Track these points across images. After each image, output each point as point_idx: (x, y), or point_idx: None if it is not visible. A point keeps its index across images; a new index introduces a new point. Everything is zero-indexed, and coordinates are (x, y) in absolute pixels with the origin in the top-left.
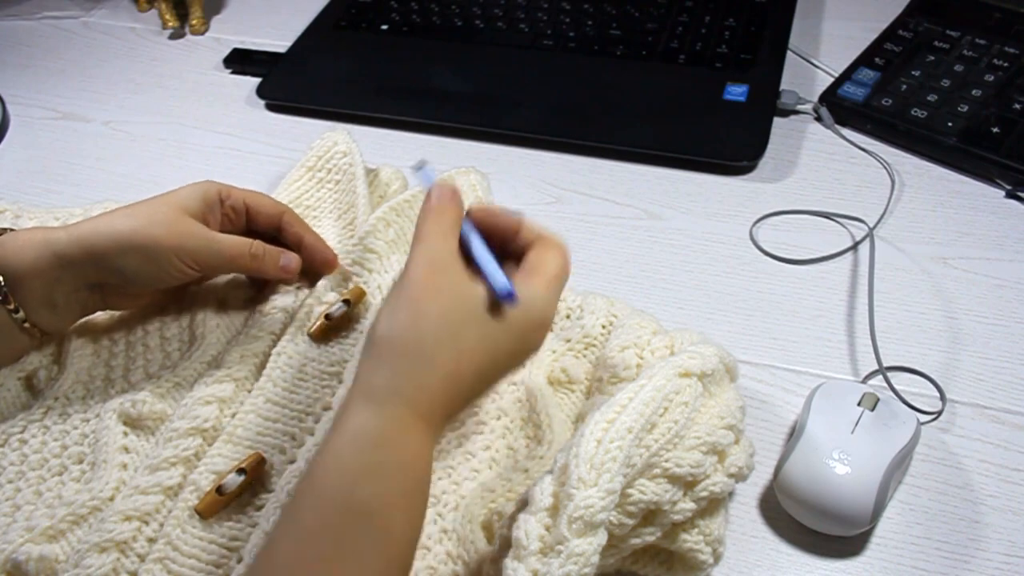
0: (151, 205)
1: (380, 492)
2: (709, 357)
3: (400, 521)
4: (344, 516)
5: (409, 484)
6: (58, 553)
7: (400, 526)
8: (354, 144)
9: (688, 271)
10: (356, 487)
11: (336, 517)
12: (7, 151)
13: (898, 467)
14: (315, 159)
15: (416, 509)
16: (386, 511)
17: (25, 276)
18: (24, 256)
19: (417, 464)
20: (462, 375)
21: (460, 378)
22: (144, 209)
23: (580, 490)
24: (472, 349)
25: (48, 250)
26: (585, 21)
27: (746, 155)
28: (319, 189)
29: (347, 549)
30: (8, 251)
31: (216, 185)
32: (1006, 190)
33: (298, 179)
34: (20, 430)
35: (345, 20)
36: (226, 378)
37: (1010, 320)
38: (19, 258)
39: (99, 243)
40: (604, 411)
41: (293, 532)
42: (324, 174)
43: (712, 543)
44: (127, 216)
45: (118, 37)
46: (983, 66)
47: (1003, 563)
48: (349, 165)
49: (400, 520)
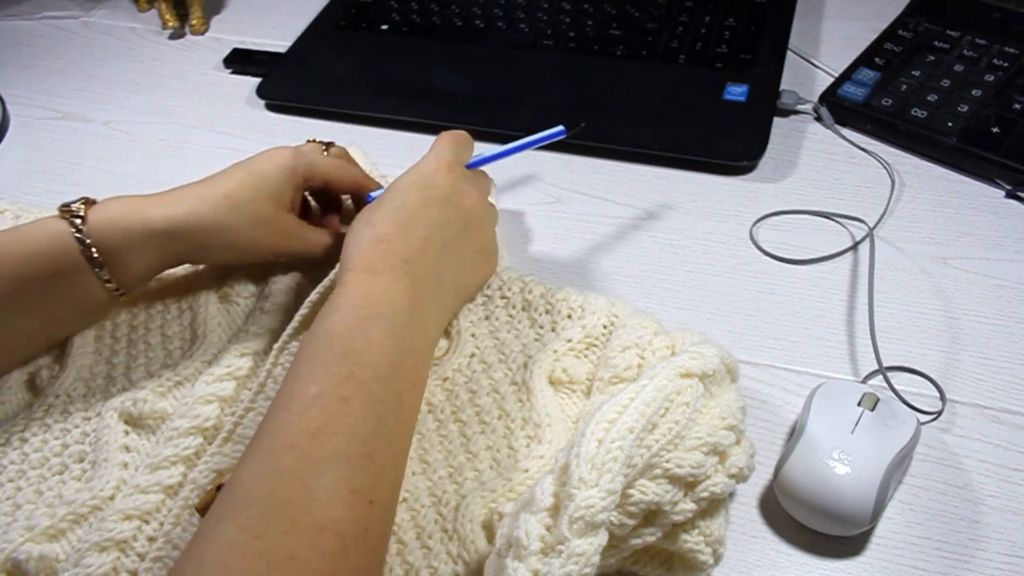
0: (247, 194)
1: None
2: (710, 357)
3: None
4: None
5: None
6: (58, 552)
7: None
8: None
9: (688, 271)
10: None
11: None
12: (7, 151)
13: (898, 467)
14: None
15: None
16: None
17: (120, 251)
18: (117, 231)
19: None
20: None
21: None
22: (243, 198)
23: (581, 490)
24: (385, 211)
25: (144, 229)
26: (585, 21)
27: (746, 155)
28: None
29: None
30: (103, 225)
31: (302, 162)
32: (1006, 190)
33: None
34: (21, 428)
35: (345, 20)
36: (227, 377)
37: (1010, 320)
38: (114, 233)
39: (198, 234)
40: (605, 411)
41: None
42: None
43: (712, 544)
44: (228, 209)
45: (118, 37)
46: (983, 66)
47: (1003, 563)
48: None
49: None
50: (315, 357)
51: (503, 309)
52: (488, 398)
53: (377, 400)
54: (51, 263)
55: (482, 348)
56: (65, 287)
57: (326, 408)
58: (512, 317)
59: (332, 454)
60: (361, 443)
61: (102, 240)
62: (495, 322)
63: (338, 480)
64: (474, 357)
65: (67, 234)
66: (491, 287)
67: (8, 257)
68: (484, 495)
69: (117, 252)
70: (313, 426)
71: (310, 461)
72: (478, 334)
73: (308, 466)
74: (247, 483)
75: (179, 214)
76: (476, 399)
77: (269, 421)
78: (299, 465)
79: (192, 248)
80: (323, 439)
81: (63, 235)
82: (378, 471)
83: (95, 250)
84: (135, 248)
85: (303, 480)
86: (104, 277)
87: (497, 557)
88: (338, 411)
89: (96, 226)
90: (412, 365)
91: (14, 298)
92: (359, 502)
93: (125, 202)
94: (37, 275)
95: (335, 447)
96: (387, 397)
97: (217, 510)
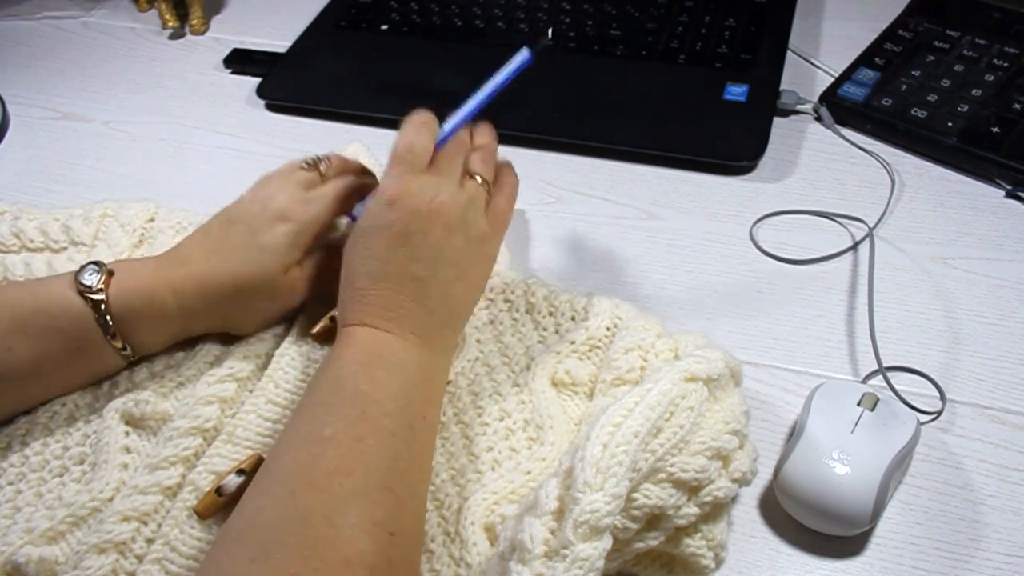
0: (262, 267)
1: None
2: (715, 361)
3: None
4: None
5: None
6: (58, 555)
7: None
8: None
9: (688, 271)
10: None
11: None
12: (7, 151)
13: (898, 467)
14: None
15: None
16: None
17: (143, 320)
18: (140, 298)
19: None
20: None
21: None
22: (257, 274)
23: (586, 494)
24: (355, 263)
25: (172, 299)
26: (585, 21)
27: (746, 155)
28: None
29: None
30: (128, 291)
31: (307, 228)
32: (1006, 190)
33: None
34: (23, 432)
35: (345, 20)
36: (228, 378)
37: (1010, 320)
38: (138, 300)
39: (211, 319)
40: (610, 414)
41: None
42: None
43: (714, 548)
44: (236, 305)
45: (118, 37)
46: (983, 66)
47: (1003, 563)
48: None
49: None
50: (325, 401)
51: (507, 312)
52: (490, 400)
53: (389, 434)
54: (70, 339)
55: (486, 352)
56: (84, 360)
57: (342, 448)
58: (516, 320)
59: (352, 491)
60: (379, 477)
61: (126, 306)
62: (499, 326)
63: (360, 515)
64: (478, 360)
65: (86, 311)
66: (494, 290)
67: (27, 340)
68: (486, 497)
69: (137, 319)
70: (332, 466)
71: (333, 500)
72: (483, 339)
73: (331, 505)
74: (275, 524)
75: (205, 286)
76: (478, 401)
77: (287, 461)
78: (323, 505)
79: (213, 318)
80: (342, 477)
81: (82, 311)
82: (397, 502)
83: (111, 322)
84: (150, 325)
85: (328, 519)
86: (119, 346)
87: (500, 560)
88: (354, 450)
89: (117, 300)
90: (421, 396)
91: (35, 371)
92: (381, 534)
93: (139, 278)
94: (58, 351)
95: (354, 484)
96: (400, 430)
97: (249, 550)
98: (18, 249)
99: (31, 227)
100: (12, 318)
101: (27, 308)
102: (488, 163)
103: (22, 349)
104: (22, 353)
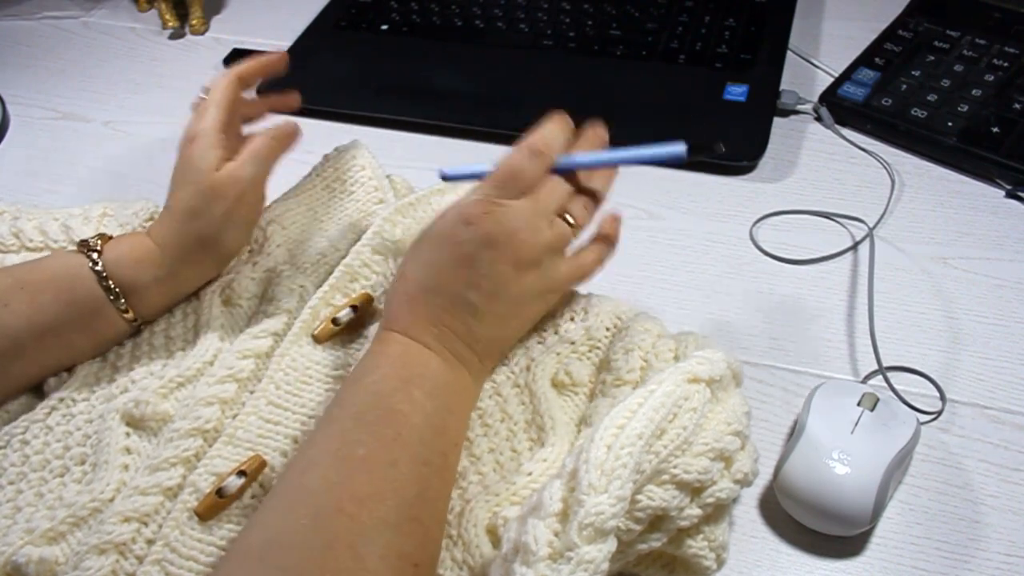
0: (197, 176)
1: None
2: (718, 363)
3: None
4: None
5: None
6: (58, 555)
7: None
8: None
9: (688, 271)
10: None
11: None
12: (7, 151)
13: (898, 467)
14: (332, 171)
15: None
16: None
17: (133, 265)
18: (128, 246)
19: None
20: (424, 288)
21: (422, 291)
22: (196, 182)
23: (591, 496)
24: (414, 267)
25: (153, 242)
26: (585, 21)
27: (746, 155)
28: (334, 201)
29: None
30: (124, 261)
31: (212, 130)
32: (1006, 190)
33: (310, 188)
34: (22, 431)
35: (345, 20)
36: (229, 379)
37: (1010, 320)
38: (126, 247)
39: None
40: (614, 416)
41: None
42: (339, 185)
43: (716, 549)
44: (199, 195)
45: (118, 37)
46: (983, 66)
47: (1003, 563)
48: (368, 179)
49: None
50: (360, 416)
51: None
52: (491, 401)
53: (423, 462)
54: (70, 297)
55: None
56: (85, 320)
57: (375, 472)
58: None
59: (380, 521)
60: (408, 507)
61: (123, 277)
62: None
63: (387, 547)
64: None
65: (85, 267)
66: None
67: (24, 294)
68: (488, 499)
69: (140, 287)
70: (363, 492)
71: (360, 529)
72: None
73: (358, 534)
74: (298, 547)
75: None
76: (479, 402)
77: (315, 478)
78: (349, 534)
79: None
80: (372, 505)
81: (81, 269)
82: (424, 533)
83: (112, 282)
84: (139, 270)
85: (353, 548)
86: (122, 308)
87: (503, 562)
88: (386, 476)
89: (111, 259)
90: (455, 425)
91: (32, 331)
92: (405, 566)
93: (133, 236)
94: (56, 309)
95: (383, 514)
96: (433, 458)
97: (268, 571)
98: (18, 249)
99: (31, 227)
100: (10, 274)
101: (25, 267)
102: (589, 210)
103: (20, 306)
104: (20, 309)
